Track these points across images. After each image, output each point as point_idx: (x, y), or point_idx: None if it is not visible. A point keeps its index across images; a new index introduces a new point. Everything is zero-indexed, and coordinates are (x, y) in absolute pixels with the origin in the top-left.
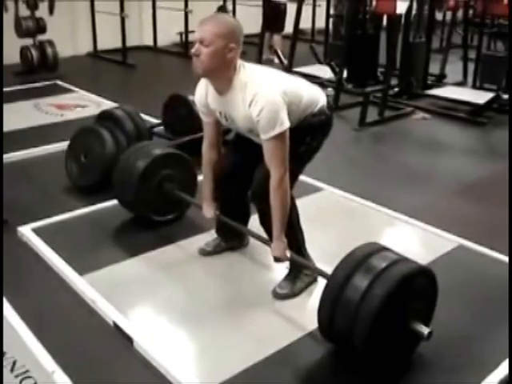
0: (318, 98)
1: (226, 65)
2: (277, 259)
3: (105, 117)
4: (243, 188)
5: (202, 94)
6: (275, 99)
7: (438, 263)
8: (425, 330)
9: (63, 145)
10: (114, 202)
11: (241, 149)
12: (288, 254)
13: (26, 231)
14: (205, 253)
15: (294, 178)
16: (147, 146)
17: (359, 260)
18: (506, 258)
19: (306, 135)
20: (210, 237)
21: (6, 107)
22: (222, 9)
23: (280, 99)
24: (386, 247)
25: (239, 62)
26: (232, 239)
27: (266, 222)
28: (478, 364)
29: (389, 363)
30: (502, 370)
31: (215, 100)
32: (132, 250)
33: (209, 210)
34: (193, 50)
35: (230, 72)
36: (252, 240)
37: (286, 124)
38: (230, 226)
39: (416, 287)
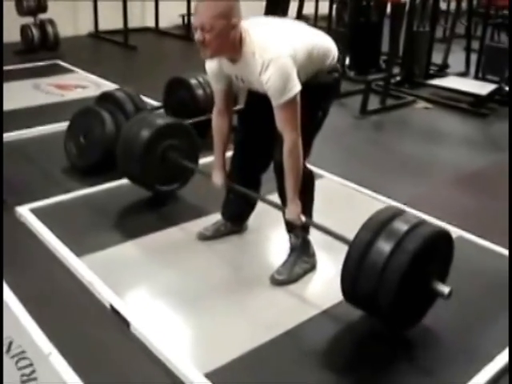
0: (330, 48)
1: (232, 41)
2: (290, 225)
3: (105, 98)
4: (255, 158)
5: (215, 62)
6: (284, 64)
7: None
8: (446, 289)
9: (63, 125)
10: (114, 183)
11: (252, 119)
12: (303, 217)
13: (24, 211)
14: (204, 237)
15: (309, 146)
16: (150, 116)
17: (381, 224)
18: (505, 250)
19: (322, 99)
20: (209, 221)
21: (6, 86)
22: None
23: (289, 62)
24: (404, 210)
25: (243, 29)
26: (234, 223)
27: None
28: (476, 354)
29: (408, 323)
30: (501, 360)
31: (229, 67)
32: (130, 233)
33: (218, 178)
34: (196, 38)
35: (237, 46)
36: (251, 225)
37: (297, 88)
38: (240, 193)
39: (437, 248)
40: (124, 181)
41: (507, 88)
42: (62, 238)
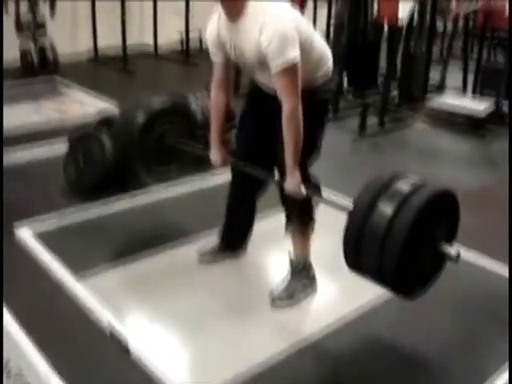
0: (327, 53)
1: None
2: (290, 199)
3: (104, 122)
4: (255, 187)
5: (214, 25)
6: (287, 30)
7: None
8: (453, 251)
9: (62, 147)
10: (113, 206)
11: (250, 127)
12: (303, 189)
13: (24, 233)
14: (204, 260)
15: (313, 158)
16: (145, 100)
17: (380, 188)
18: (504, 268)
19: (318, 117)
20: (210, 243)
21: (6, 108)
22: None
23: (293, 31)
24: (401, 172)
25: None
26: (233, 248)
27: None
28: (476, 372)
29: (416, 289)
30: (501, 379)
31: (226, 29)
32: (130, 255)
33: (218, 156)
34: None
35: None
36: (251, 247)
37: (298, 56)
38: (245, 171)
39: (442, 208)
40: (123, 203)
41: (505, 108)
42: (61, 261)
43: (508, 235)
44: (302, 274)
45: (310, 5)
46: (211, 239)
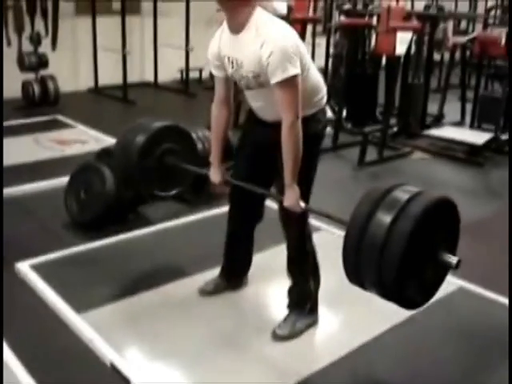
0: (322, 84)
1: (244, 9)
2: (288, 214)
3: (105, 153)
4: (252, 218)
5: (216, 40)
6: (288, 45)
7: (437, 305)
8: (453, 260)
9: (63, 180)
10: (114, 238)
11: (245, 160)
12: (302, 204)
13: (24, 267)
14: (205, 292)
15: (308, 196)
16: (145, 121)
17: (377, 199)
18: (505, 300)
19: (312, 150)
20: (210, 275)
21: (7, 141)
22: None
23: (295, 48)
24: (397, 184)
25: (256, 11)
26: (234, 281)
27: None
28: None
29: (420, 300)
30: None
31: (228, 41)
32: (131, 288)
33: (216, 175)
34: None
35: (249, 7)
36: (251, 279)
37: (298, 70)
38: (243, 189)
39: (441, 216)
40: (124, 235)
41: (503, 137)
42: (62, 295)
43: (508, 266)
44: (302, 304)
45: (308, 39)
46: (212, 272)
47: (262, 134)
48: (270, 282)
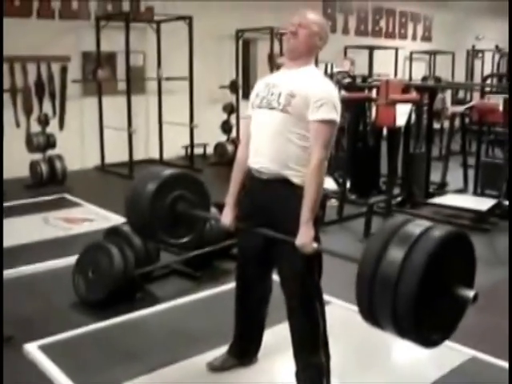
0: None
1: (313, 51)
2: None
3: (112, 232)
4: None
5: (265, 77)
6: (337, 98)
7: (451, 375)
8: (470, 294)
9: (71, 259)
10: (123, 317)
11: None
12: (315, 244)
13: (32, 348)
14: (213, 368)
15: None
16: (156, 169)
17: (389, 235)
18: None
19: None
20: (219, 352)
21: (15, 220)
22: (227, 123)
23: (338, 101)
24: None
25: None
26: (243, 355)
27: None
28: None
29: (437, 337)
30: None
31: (278, 73)
32: (141, 368)
33: (228, 216)
34: (291, 29)
35: (311, 60)
36: (261, 356)
37: (338, 119)
38: (249, 266)
39: (454, 250)
40: (132, 314)
41: (506, 202)
42: (71, 377)
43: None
44: (314, 379)
45: None
46: (222, 349)
47: (260, 197)
48: (282, 358)
